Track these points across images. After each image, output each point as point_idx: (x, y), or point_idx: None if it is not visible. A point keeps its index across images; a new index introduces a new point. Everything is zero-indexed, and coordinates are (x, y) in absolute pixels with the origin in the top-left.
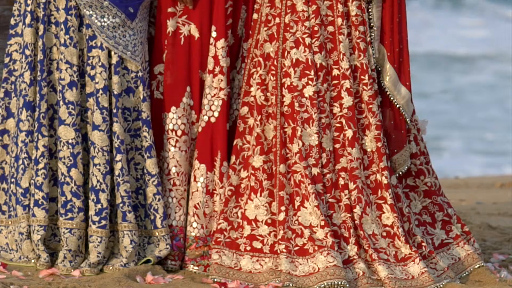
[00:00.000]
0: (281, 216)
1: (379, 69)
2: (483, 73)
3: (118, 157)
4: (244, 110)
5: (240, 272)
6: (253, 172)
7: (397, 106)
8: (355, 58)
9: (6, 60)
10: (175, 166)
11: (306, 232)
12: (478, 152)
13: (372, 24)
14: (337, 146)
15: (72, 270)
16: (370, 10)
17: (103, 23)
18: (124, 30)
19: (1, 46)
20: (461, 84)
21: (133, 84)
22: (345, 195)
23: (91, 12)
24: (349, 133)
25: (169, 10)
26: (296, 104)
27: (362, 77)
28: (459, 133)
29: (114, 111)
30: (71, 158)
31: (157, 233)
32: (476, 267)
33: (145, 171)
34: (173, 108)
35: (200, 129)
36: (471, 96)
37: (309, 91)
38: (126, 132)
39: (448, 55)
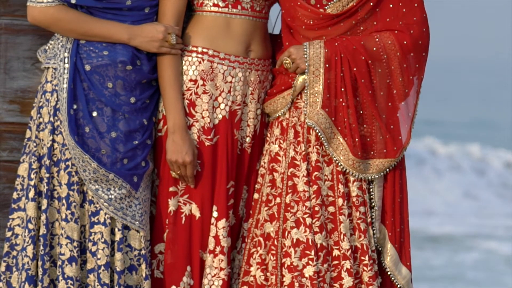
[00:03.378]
0: None
1: (380, 248)
2: (473, 251)
3: None
4: None
5: None
6: None
7: (398, 286)
8: (356, 239)
9: (8, 234)
10: None
11: None
12: None
13: (373, 204)
14: None
15: None
16: (371, 190)
17: (110, 196)
18: (130, 201)
19: (1, 225)
20: (457, 262)
21: (136, 262)
22: None
23: (97, 187)
24: None
25: (171, 189)
26: (296, 284)
27: (363, 258)
28: None
29: (116, 287)
30: None
31: None
32: None
33: None
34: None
35: None
36: (469, 273)
37: (309, 271)
38: None
39: (432, 236)
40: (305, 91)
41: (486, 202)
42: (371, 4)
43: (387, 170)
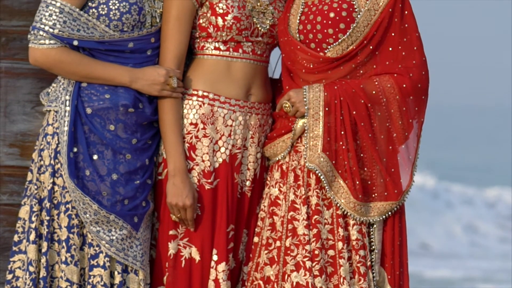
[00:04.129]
0: None
1: None
2: None
3: None
4: None
5: None
6: None
7: None
8: (355, 282)
9: (9, 277)
10: None
11: None
12: None
13: (373, 247)
14: None
15: None
16: (371, 233)
17: (111, 237)
18: (131, 241)
19: (1, 268)
20: None
21: None
22: None
23: (98, 228)
24: None
25: (171, 232)
26: None
27: None
28: None
29: None
30: None
31: None
32: None
33: None
34: None
35: None
36: None
37: None
38: None
39: (430, 279)
40: (305, 135)
41: (487, 240)
42: (371, 47)
43: (389, 213)
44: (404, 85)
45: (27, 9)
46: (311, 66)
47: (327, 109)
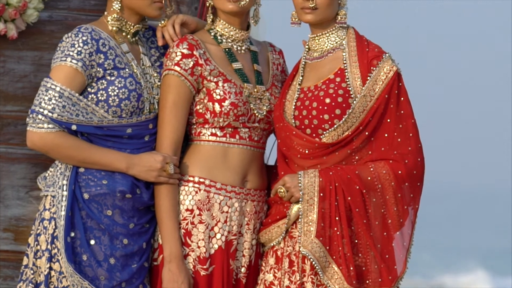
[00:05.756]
0: None
1: None
2: None
3: None
4: None
5: None
6: None
7: None
8: None
9: None
10: None
11: None
12: None
13: None
14: None
15: None
16: None
17: None
18: None
19: None
20: None
21: None
22: None
23: None
24: None
25: None
26: None
27: None
28: None
29: None
30: None
31: None
32: None
33: None
34: None
35: None
36: None
37: None
38: None
39: None
40: (300, 220)
41: None
42: (367, 133)
43: None
44: (400, 172)
45: (22, 94)
46: (307, 151)
47: (322, 194)
